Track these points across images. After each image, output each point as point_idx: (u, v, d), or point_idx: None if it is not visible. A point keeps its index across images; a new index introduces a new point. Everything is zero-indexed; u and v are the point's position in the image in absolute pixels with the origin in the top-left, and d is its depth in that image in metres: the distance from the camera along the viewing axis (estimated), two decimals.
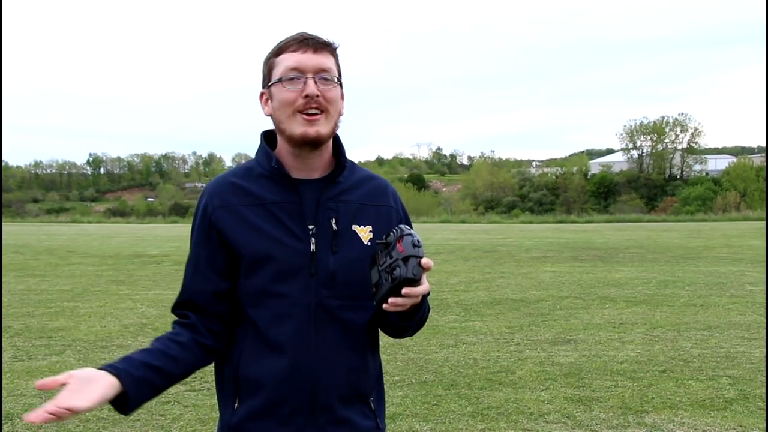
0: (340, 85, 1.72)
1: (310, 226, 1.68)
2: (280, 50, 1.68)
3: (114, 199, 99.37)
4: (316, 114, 1.64)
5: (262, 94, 1.74)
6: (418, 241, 1.53)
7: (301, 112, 1.64)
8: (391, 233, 1.57)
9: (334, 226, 1.69)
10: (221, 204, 1.70)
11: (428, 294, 1.64)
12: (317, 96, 1.63)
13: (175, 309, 1.75)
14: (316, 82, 1.64)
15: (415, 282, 1.52)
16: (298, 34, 1.68)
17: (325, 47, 1.68)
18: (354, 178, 1.77)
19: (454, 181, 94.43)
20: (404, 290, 1.51)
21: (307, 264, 1.66)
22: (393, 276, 1.52)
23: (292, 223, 1.67)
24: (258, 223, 1.67)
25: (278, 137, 1.74)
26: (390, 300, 1.53)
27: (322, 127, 1.65)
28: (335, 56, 1.71)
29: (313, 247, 1.66)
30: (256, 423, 1.67)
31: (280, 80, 1.65)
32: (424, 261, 1.52)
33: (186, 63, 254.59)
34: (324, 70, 1.65)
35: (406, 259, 1.51)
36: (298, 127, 1.64)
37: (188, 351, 1.68)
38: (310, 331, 1.65)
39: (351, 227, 1.71)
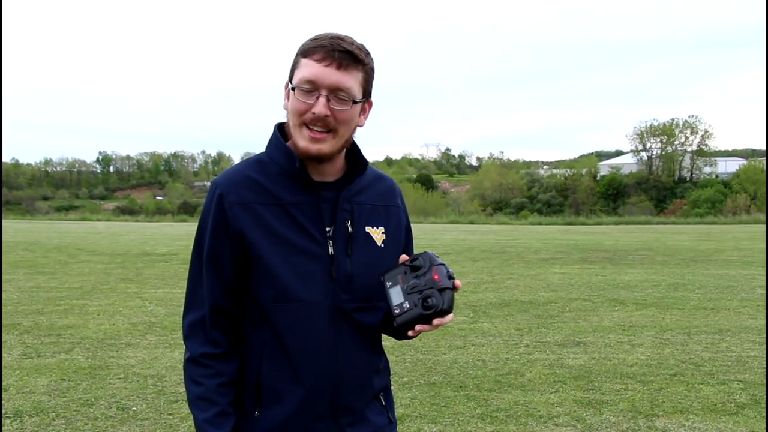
0: (364, 101, 1.65)
1: (327, 229, 1.64)
2: (306, 52, 1.58)
3: (123, 198, 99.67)
4: (322, 132, 1.59)
5: (285, 85, 1.66)
6: (453, 274, 1.57)
7: (307, 125, 1.59)
8: (419, 258, 1.59)
9: (350, 229, 1.67)
10: (238, 200, 1.62)
11: None
12: (326, 116, 1.57)
13: (211, 314, 1.66)
14: (329, 100, 1.56)
15: (447, 313, 1.55)
16: (330, 39, 1.57)
17: (352, 63, 1.57)
18: (366, 179, 1.73)
19: (462, 182, 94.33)
20: (435, 321, 1.55)
21: (327, 268, 1.63)
22: (427, 304, 1.54)
23: (311, 225, 1.63)
24: (276, 225, 1.62)
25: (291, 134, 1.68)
26: (417, 327, 1.57)
27: (324, 146, 1.60)
28: (365, 71, 1.62)
29: (331, 250, 1.64)
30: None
31: (294, 88, 1.59)
32: (457, 283, 1.56)
33: (196, 62, 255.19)
34: (340, 90, 1.56)
35: (441, 291, 1.54)
36: (301, 141, 1.60)
37: (234, 388, 1.67)
38: (330, 334, 1.64)
39: (365, 229, 1.69)
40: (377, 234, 1.70)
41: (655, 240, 21.28)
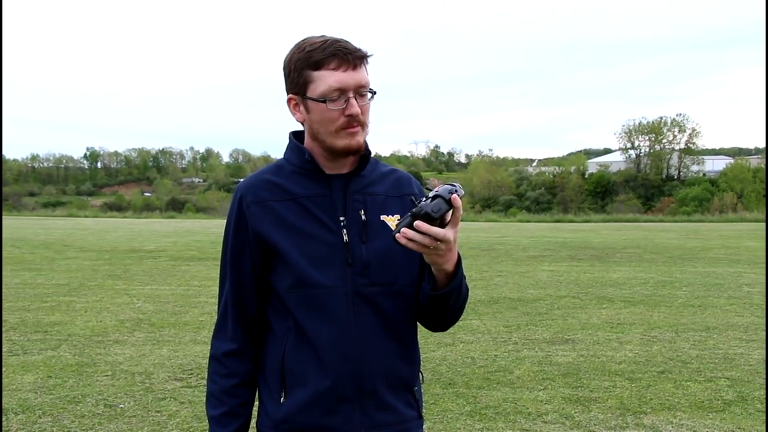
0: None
1: (341, 218, 1.73)
2: (318, 64, 1.66)
3: (111, 194, 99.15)
4: (356, 126, 1.70)
5: (290, 99, 1.74)
6: (456, 189, 1.51)
7: (343, 128, 1.69)
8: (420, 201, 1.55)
9: (363, 217, 1.75)
10: (254, 200, 1.74)
11: (464, 278, 1.72)
12: (358, 114, 1.68)
13: (232, 311, 1.80)
14: (356, 99, 1.68)
15: (432, 219, 1.49)
16: (332, 45, 1.66)
17: (361, 60, 1.69)
18: (377, 173, 1.83)
19: (451, 179, 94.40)
20: (416, 223, 1.50)
21: (342, 254, 1.71)
22: (413, 210, 1.51)
23: (325, 215, 1.73)
24: (290, 217, 1.72)
25: (309, 140, 1.77)
26: (402, 230, 1.53)
27: (361, 138, 1.72)
28: (367, 63, 1.73)
29: (346, 237, 1.72)
30: (305, 414, 1.72)
31: (323, 101, 1.66)
32: (454, 197, 1.50)
33: (184, 58, 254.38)
34: (363, 87, 1.69)
35: (434, 197, 1.51)
36: (340, 141, 1.70)
37: (248, 387, 1.81)
38: (351, 318, 1.71)
39: (380, 217, 1.76)
40: (392, 221, 1.76)
41: (643, 238, 21.37)
